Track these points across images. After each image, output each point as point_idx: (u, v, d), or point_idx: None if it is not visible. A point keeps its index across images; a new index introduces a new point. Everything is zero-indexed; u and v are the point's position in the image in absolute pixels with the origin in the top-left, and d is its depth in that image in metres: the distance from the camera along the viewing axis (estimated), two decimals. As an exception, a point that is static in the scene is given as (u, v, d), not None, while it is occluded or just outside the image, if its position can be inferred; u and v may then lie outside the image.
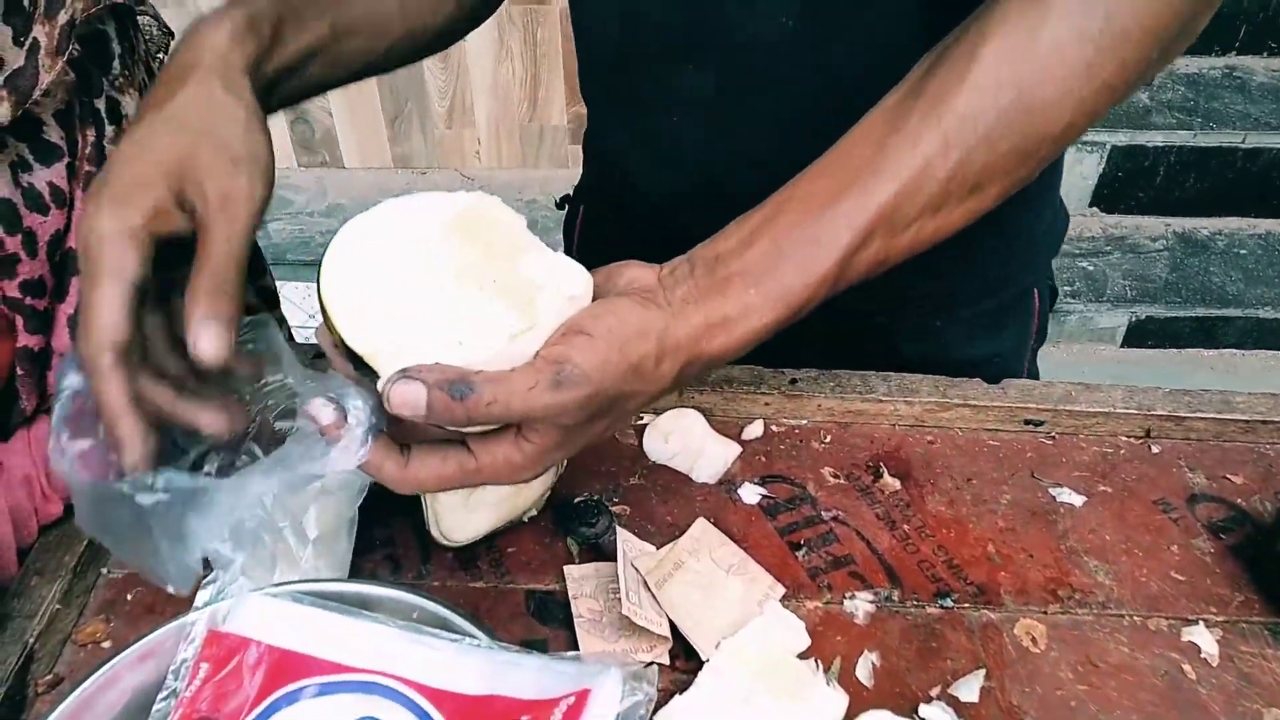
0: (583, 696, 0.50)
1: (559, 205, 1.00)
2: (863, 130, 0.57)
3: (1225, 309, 2.36)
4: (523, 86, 2.33)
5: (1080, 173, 2.25)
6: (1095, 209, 2.32)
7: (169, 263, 0.51)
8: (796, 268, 0.55)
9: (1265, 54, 2.13)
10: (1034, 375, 0.96)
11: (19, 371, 0.67)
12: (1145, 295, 2.34)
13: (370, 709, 0.53)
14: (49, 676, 0.63)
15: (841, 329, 0.85)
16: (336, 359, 0.53)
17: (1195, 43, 0.58)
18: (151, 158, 0.50)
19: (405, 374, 0.48)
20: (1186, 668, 0.65)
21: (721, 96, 0.76)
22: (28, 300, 0.65)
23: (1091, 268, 2.35)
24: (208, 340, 0.48)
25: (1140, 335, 2.42)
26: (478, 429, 0.52)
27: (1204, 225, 2.34)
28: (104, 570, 0.70)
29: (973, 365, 0.87)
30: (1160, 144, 2.20)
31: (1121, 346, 2.45)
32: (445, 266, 0.52)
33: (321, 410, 0.51)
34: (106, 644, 0.65)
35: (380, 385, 0.49)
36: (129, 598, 0.68)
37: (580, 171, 1.02)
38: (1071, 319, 2.39)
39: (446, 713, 0.52)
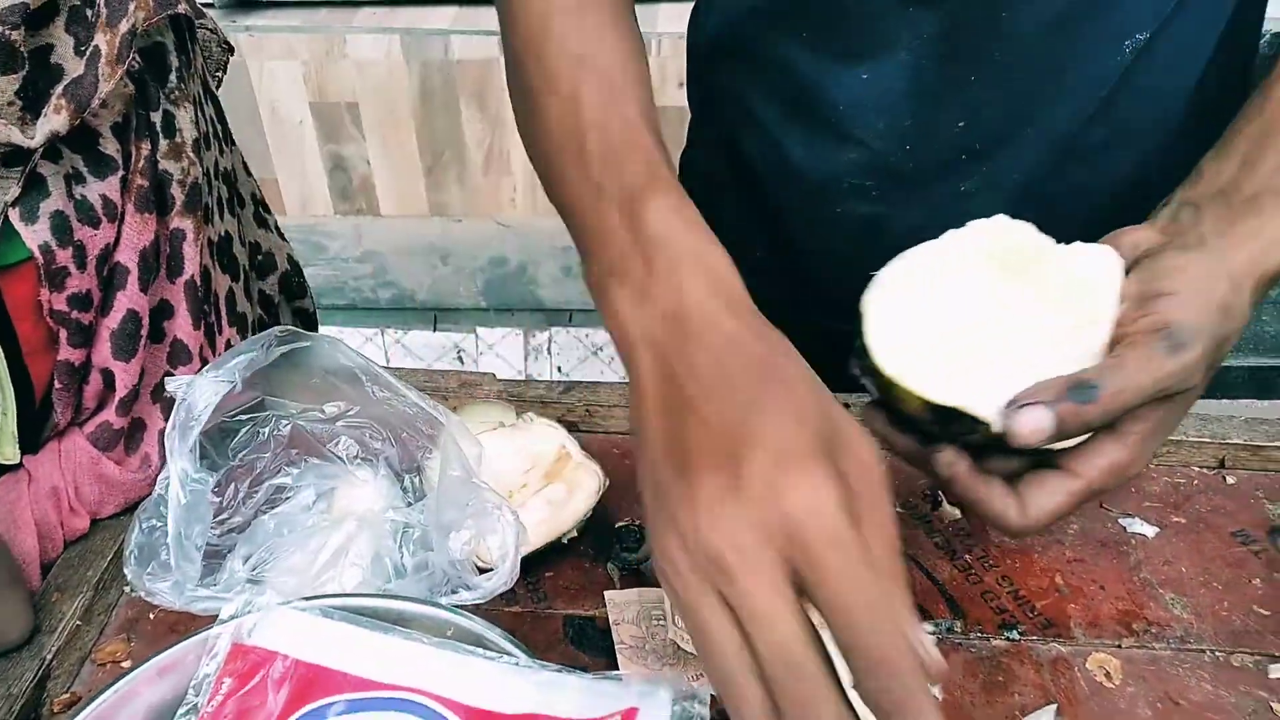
0: (629, 716, 0.47)
1: None
2: None
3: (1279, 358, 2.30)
4: (559, 135, 2.35)
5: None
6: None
7: None
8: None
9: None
10: None
11: (57, 385, 0.66)
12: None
13: (401, 728, 0.50)
14: (65, 696, 0.60)
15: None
16: (898, 437, 0.53)
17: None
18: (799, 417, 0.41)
19: (1014, 404, 0.47)
20: (1276, 706, 0.60)
21: (948, 42, 0.69)
22: (73, 314, 0.63)
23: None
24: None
25: (1188, 387, 2.35)
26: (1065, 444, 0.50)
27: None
28: (126, 589, 0.67)
29: None
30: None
31: (1169, 399, 2.37)
32: (987, 297, 0.52)
33: None
34: (126, 663, 0.62)
35: (996, 426, 0.48)
36: (151, 616, 0.65)
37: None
38: (1116, 370, 2.33)
39: (482, 732, 0.49)
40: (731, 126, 0.85)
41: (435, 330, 2.58)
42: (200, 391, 0.58)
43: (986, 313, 0.52)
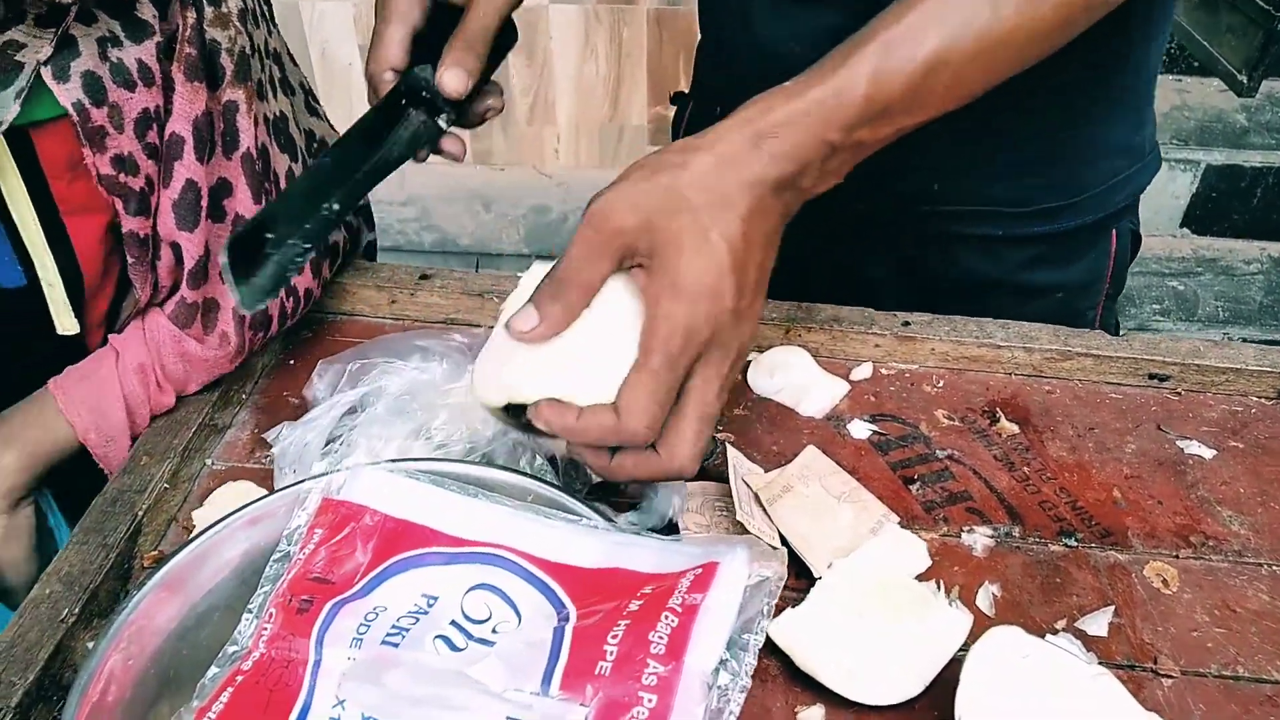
0: (710, 568, 0.48)
1: (672, 101, 1.00)
2: None
3: (1323, 337, 2.28)
4: (605, 85, 2.35)
5: (1172, 192, 2.20)
6: (1186, 230, 2.26)
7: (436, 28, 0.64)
8: (831, 93, 0.53)
9: (1371, 76, 2.07)
10: (1109, 326, 0.91)
11: (130, 260, 0.67)
12: (1239, 317, 2.26)
13: (487, 578, 0.52)
14: (154, 553, 0.63)
15: (907, 232, 0.84)
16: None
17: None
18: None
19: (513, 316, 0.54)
20: (1334, 619, 0.61)
21: None
22: (121, 178, 0.64)
23: (1182, 287, 2.28)
24: (451, 78, 0.61)
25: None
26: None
27: (1303, 250, 2.26)
28: (208, 461, 0.70)
29: (1032, 292, 0.83)
30: (1258, 164, 2.13)
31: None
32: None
33: None
34: (210, 528, 0.65)
35: (505, 323, 0.55)
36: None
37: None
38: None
39: (565, 584, 0.51)
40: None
41: (476, 272, 2.59)
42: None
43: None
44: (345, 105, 2.34)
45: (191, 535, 0.55)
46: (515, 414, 0.57)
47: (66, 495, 0.73)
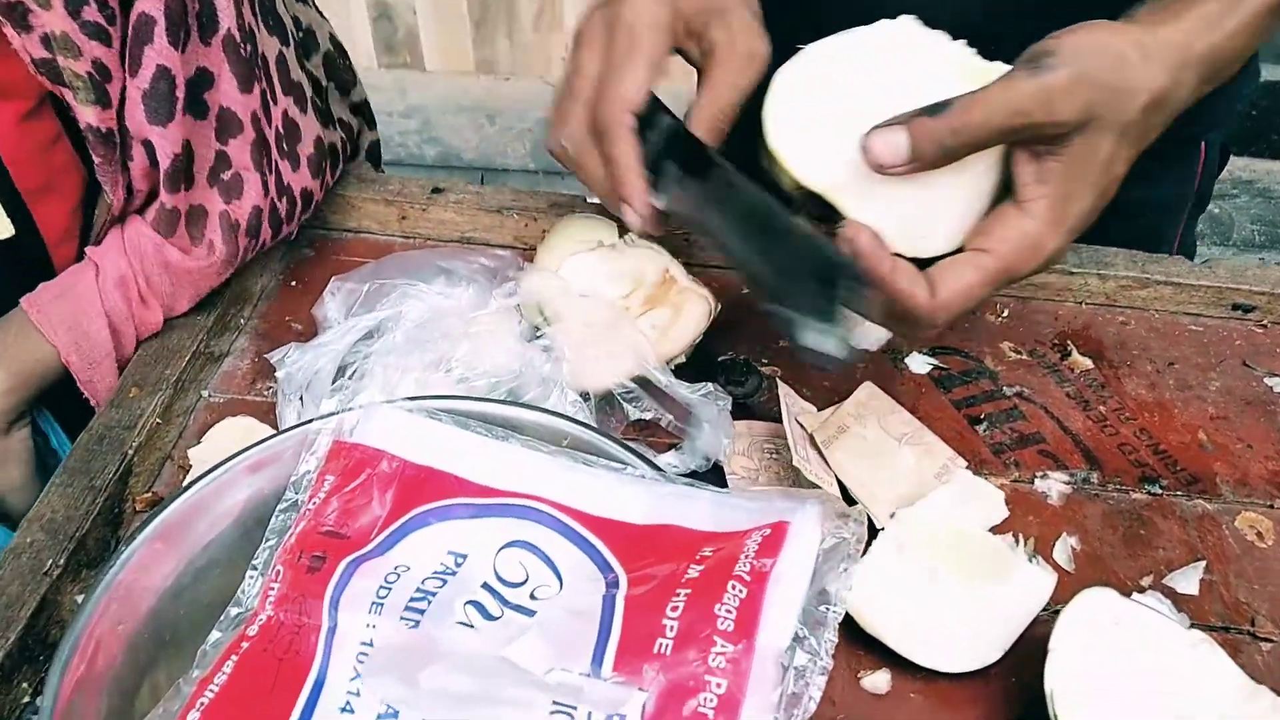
0: (779, 530, 0.42)
1: None
2: None
3: (1359, 263, 2.20)
4: (618, -11, 2.22)
5: (1211, 108, 2.09)
6: (1223, 149, 2.16)
7: None
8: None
9: None
10: (1188, 246, 0.84)
11: (96, 159, 0.59)
12: (1276, 241, 2.18)
13: (521, 534, 0.46)
14: (148, 495, 0.57)
15: None
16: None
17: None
18: None
19: (875, 130, 0.46)
20: None
21: None
22: (62, 61, 0.55)
23: (1217, 210, 2.19)
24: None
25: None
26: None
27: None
28: (204, 393, 0.64)
29: (1115, 208, 0.76)
30: (1304, 80, 2.02)
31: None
32: (883, 91, 0.49)
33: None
34: (209, 467, 0.59)
35: (861, 141, 0.47)
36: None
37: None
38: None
39: (611, 542, 0.45)
40: None
41: (485, 185, 2.50)
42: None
43: (887, 109, 0.48)
44: (341, 9, 2.22)
45: (186, 481, 0.49)
46: (810, 205, 0.50)
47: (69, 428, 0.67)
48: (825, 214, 0.49)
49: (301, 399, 0.59)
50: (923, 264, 0.49)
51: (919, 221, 0.49)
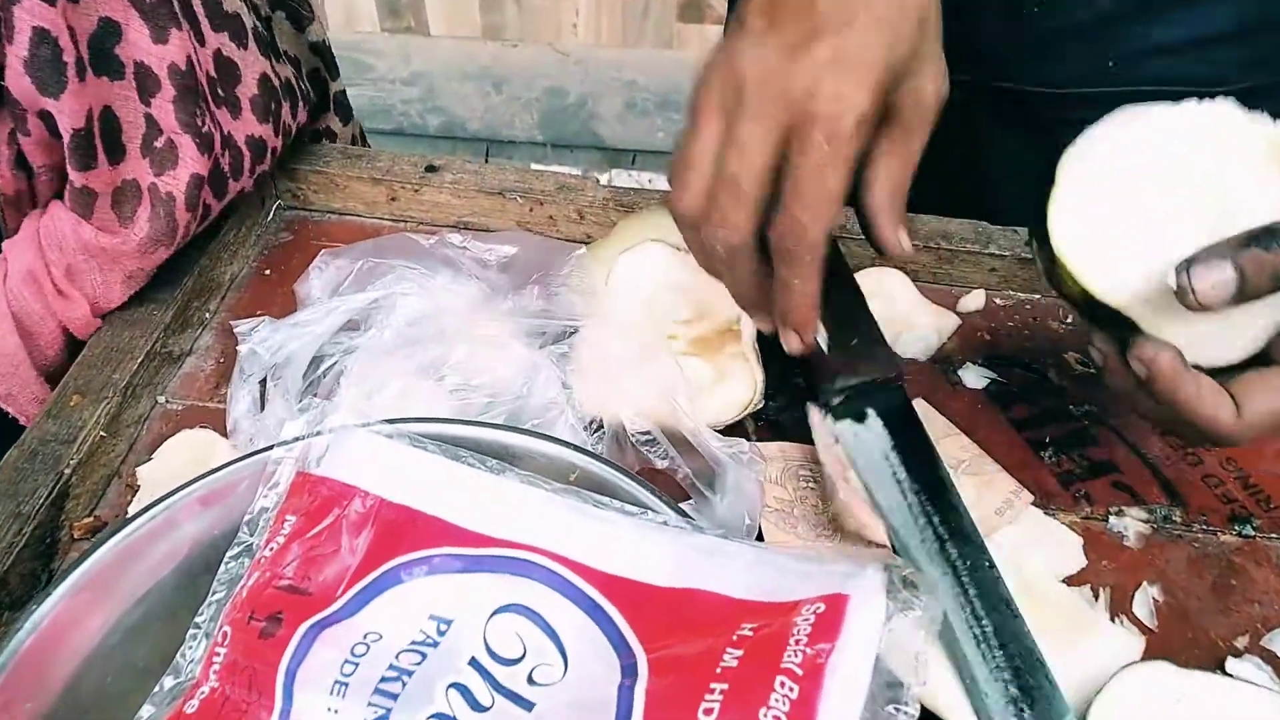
0: (837, 605, 0.34)
1: None
2: None
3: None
4: (631, -47, 2.12)
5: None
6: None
7: None
8: None
9: None
10: None
11: None
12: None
13: (518, 595, 0.38)
14: (88, 519, 0.49)
15: (1053, 119, 0.68)
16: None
17: None
18: (887, 38, 0.42)
19: (1191, 261, 0.40)
20: None
21: None
22: None
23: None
24: (897, 240, 0.45)
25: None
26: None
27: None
28: (160, 399, 0.56)
29: None
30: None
31: None
32: (1189, 188, 0.43)
33: None
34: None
35: (1172, 280, 0.41)
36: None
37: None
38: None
39: (628, 610, 0.37)
40: None
41: (487, 163, 2.42)
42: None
43: (1192, 209, 0.43)
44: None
45: (127, 515, 0.42)
46: (1104, 317, 0.44)
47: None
48: (1113, 319, 0.44)
49: (263, 385, 0.52)
50: (1217, 371, 0.44)
51: (1221, 331, 0.43)
